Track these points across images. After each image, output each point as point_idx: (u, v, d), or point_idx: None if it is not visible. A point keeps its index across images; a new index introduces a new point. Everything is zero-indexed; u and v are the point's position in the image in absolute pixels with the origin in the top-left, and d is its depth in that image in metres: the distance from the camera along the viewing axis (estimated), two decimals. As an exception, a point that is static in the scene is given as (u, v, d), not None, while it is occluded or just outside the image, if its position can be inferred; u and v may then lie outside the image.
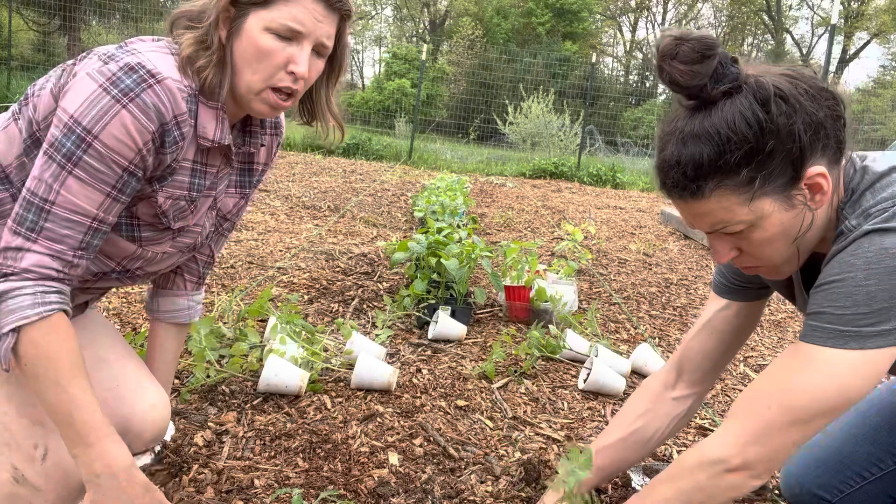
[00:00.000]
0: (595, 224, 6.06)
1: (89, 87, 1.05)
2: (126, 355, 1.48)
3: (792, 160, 0.95)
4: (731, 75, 0.95)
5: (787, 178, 0.96)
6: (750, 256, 1.05)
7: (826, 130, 0.96)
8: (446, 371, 2.21)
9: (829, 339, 0.96)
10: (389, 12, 41.59)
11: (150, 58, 1.09)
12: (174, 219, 1.25)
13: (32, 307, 1.05)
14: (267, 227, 4.37)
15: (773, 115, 0.93)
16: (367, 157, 11.09)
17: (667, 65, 0.96)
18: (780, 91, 0.94)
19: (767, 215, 0.98)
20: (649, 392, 1.44)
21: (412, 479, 1.51)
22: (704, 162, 0.95)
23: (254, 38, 1.13)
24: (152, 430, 1.43)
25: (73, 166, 1.04)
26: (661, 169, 1.01)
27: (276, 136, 1.48)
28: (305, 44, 1.15)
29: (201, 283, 1.60)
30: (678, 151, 0.97)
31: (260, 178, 1.51)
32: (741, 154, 0.93)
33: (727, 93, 0.95)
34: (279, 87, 1.16)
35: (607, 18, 38.25)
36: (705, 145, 0.95)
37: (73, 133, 1.04)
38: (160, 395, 1.48)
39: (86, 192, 1.06)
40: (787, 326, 3.30)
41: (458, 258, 2.75)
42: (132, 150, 1.07)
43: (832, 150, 0.98)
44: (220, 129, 1.22)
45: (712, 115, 0.95)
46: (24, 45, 19.25)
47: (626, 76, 36.60)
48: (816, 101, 0.95)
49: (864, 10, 29.65)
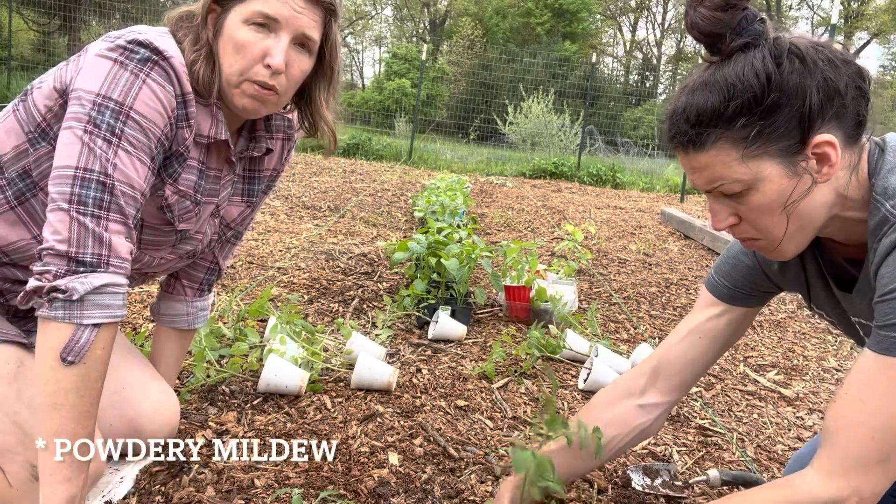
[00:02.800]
0: (595, 224, 6.06)
1: (105, 66, 1.05)
2: (131, 357, 1.48)
3: (799, 121, 0.91)
4: (753, 31, 0.93)
5: (792, 141, 0.92)
6: (748, 225, 1.00)
7: (843, 99, 0.92)
8: (446, 371, 2.21)
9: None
10: (389, 12, 41.58)
11: (155, 37, 1.09)
12: (179, 218, 1.24)
13: (121, 308, 1.05)
14: (267, 227, 4.37)
15: (784, 70, 0.90)
16: (367, 157, 11.09)
17: (692, 9, 0.94)
18: (798, 50, 0.91)
19: (767, 178, 0.93)
20: (615, 396, 1.34)
21: (412, 479, 1.51)
22: (707, 109, 0.93)
23: (232, 32, 1.14)
24: (161, 432, 1.43)
25: (119, 139, 1.03)
26: (669, 118, 0.99)
27: (289, 140, 1.45)
28: (283, 34, 1.14)
29: (204, 290, 1.59)
30: (686, 100, 0.96)
31: (270, 183, 1.49)
32: (743, 102, 0.91)
33: (744, 47, 0.93)
34: (255, 80, 1.15)
35: (607, 18, 38.24)
36: (711, 93, 0.93)
37: (106, 108, 1.03)
38: (167, 395, 1.47)
39: (134, 164, 1.05)
40: (787, 326, 3.30)
41: (458, 258, 2.75)
42: (163, 117, 1.08)
43: (849, 124, 0.94)
44: (216, 125, 1.22)
45: (725, 66, 0.94)
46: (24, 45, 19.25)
47: (626, 76, 36.59)
48: (837, 69, 0.92)
49: (864, 10, 29.65)
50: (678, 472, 1.66)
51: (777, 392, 2.39)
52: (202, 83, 1.14)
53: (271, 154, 1.42)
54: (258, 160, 1.40)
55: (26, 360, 1.20)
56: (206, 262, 1.55)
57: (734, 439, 1.95)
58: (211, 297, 1.64)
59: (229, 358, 2.00)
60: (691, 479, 1.62)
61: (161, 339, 1.58)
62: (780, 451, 1.91)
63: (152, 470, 1.42)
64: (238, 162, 1.35)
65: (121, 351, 1.46)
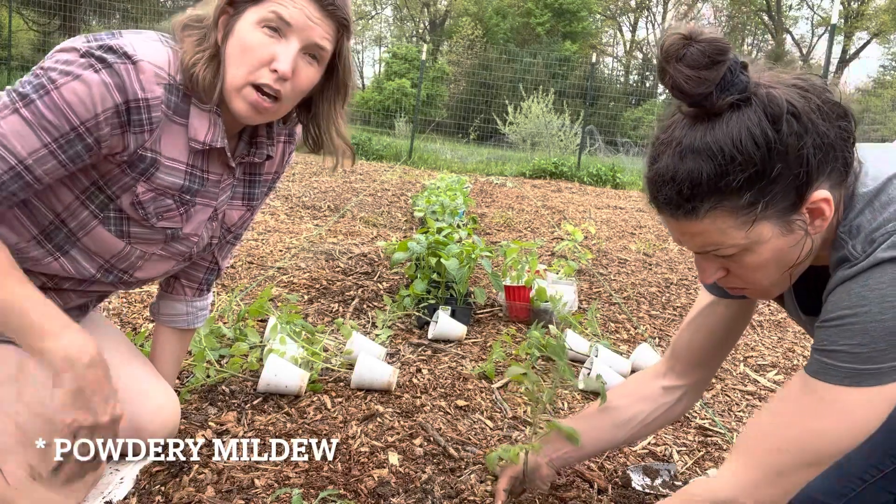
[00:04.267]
0: (595, 224, 6.06)
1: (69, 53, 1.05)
2: (131, 357, 1.48)
3: (797, 185, 0.87)
4: (740, 84, 0.86)
5: (790, 203, 0.88)
6: (737, 278, 0.99)
7: (835, 152, 0.88)
8: (446, 371, 2.21)
9: (846, 377, 0.89)
10: (389, 12, 41.60)
11: (132, 42, 1.08)
12: (156, 215, 1.23)
13: None
14: (267, 227, 4.37)
15: (784, 135, 0.84)
16: (367, 157, 11.10)
17: (671, 67, 0.86)
18: (793, 108, 0.85)
19: (764, 240, 0.91)
20: (640, 376, 1.44)
21: (412, 479, 1.51)
22: (703, 181, 0.87)
23: (242, 34, 1.13)
24: (161, 432, 1.43)
25: (23, 106, 1.02)
26: (653, 182, 0.92)
27: (290, 143, 1.45)
28: (293, 40, 1.13)
29: (203, 290, 1.59)
30: (674, 166, 0.89)
31: (271, 185, 1.49)
32: (745, 177, 0.85)
33: (735, 104, 0.86)
34: (260, 84, 1.13)
35: (607, 18, 38.25)
36: (705, 162, 0.86)
37: (38, 80, 1.03)
38: (168, 395, 1.47)
39: (24, 132, 1.03)
40: (787, 326, 3.30)
41: (458, 258, 2.75)
42: (88, 112, 1.05)
43: (838, 172, 0.90)
44: (213, 131, 1.21)
45: (716, 128, 0.86)
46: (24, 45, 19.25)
47: (626, 76, 36.57)
48: (828, 119, 0.87)
49: (864, 10, 29.64)
50: (678, 472, 1.66)
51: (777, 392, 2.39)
52: (201, 86, 1.13)
53: (272, 158, 1.41)
54: (259, 164, 1.40)
55: (27, 361, 1.20)
56: (205, 262, 1.55)
57: (734, 439, 1.95)
58: (210, 296, 1.64)
59: (229, 358, 2.00)
60: (691, 479, 1.62)
61: (161, 339, 1.58)
62: (780, 451, 1.91)
63: (152, 470, 1.42)
64: (238, 167, 1.34)
65: (121, 350, 1.46)
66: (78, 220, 1.20)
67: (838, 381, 0.91)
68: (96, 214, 1.19)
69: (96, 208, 1.19)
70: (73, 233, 1.21)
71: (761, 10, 33.76)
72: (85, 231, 1.21)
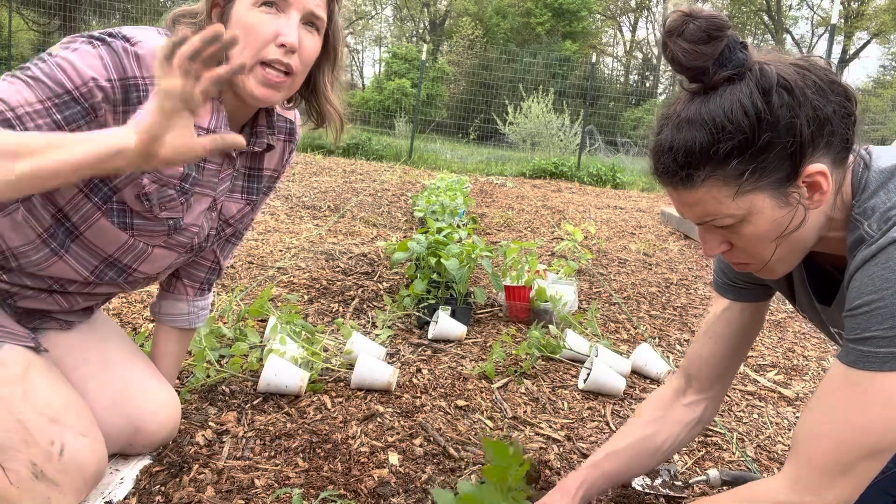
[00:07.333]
0: (595, 224, 6.06)
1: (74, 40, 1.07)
2: (133, 357, 1.48)
3: (790, 155, 0.90)
4: (737, 60, 0.91)
5: (784, 174, 0.92)
6: (740, 252, 1.02)
7: (832, 127, 0.91)
8: (446, 371, 2.21)
9: (885, 362, 0.89)
10: (389, 12, 41.59)
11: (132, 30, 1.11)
12: (160, 206, 1.23)
13: None
14: (267, 227, 4.37)
15: (774, 106, 0.88)
16: (367, 157, 11.09)
17: (671, 41, 0.92)
18: (785, 81, 0.89)
19: (759, 211, 0.94)
20: (660, 399, 1.41)
21: (412, 479, 1.51)
22: (696, 149, 0.92)
23: (240, 17, 1.14)
24: (162, 432, 1.43)
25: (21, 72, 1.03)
26: (654, 153, 0.98)
27: (290, 141, 1.45)
28: (293, 12, 1.14)
29: (204, 289, 1.59)
30: (672, 136, 0.94)
31: (271, 184, 1.49)
32: (734, 144, 0.90)
33: (729, 79, 0.91)
34: (270, 61, 1.14)
35: (607, 18, 38.26)
36: (699, 132, 0.91)
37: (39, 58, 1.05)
38: (168, 394, 1.48)
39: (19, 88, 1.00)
40: (787, 326, 3.30)
41: (458, 258, 2.75)
42: (82, 78, 1.04)
43: (837, 149, 0.93)
44: (215, 118, 1.22)
45: (710, 101, 0.91)
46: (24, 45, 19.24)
47: (626, 76, 36.60)
48: (825, 95, 0.90)
49: (864, 10, 29.65)
50: (678, 472, 1.66)
51: (777, 392, 2.39)
52: None
53: (272, 153, 1.42)
54: (259, 158, 1.40)
55: (34, 362, 1.20)
56: (206, 262, 1.55)
57: (734, 439, 1.95)
58: (210, 296, 1.64)
59: (229, 358, 2.00)
60: (691, 479, 1.62)
61: (161, 339, 1.59)
62: (780, 451, 1.91)
63: (152, 470, 1.42)
64: (238, 157, 1.35)
65: (122, 349, 1.47)
66: (80, 213, 1.20)
67: (878, 367, 0.90)
68: (99, 206, 1.20)
69: (99, 200, 1.19)
70: (76, 226, 1.21)
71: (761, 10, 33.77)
72: (88, 224, 1.21)
